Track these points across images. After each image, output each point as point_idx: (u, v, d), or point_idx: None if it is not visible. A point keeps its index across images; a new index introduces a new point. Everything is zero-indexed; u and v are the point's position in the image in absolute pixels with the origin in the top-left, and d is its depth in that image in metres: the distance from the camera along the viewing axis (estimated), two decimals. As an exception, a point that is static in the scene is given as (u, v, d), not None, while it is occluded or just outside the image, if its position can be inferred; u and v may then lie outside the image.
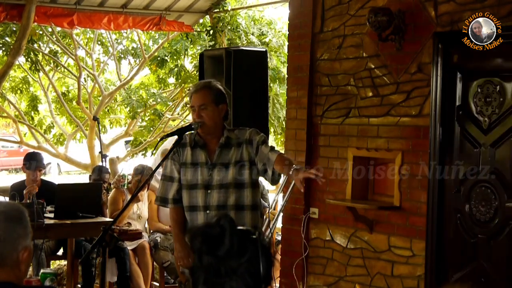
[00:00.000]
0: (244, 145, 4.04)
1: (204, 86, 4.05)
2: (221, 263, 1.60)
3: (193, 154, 4.09)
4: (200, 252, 1.63)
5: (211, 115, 3.96)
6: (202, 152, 4.08)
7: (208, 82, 4.15)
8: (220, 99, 4.01)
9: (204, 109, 3.95)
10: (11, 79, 11.81)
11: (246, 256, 1.60)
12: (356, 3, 5.52)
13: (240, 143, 4.04)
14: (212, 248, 1.61)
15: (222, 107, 4.01)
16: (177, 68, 10.25)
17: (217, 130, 4.04)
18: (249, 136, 4.05)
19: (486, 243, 4.69)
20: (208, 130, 4.01)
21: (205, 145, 4.09)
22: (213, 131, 4.03)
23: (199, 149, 4.09)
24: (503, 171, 4.61)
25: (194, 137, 4.09)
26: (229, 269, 1.60)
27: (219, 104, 4.00)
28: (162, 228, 6.66)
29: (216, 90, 4.02)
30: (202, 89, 4.01)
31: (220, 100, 4.00)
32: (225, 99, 4.06)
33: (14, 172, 21.35)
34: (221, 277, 1.60)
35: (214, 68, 5.64)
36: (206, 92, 3.98)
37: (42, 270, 5.49)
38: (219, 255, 1.60)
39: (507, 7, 4.52)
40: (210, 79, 4.40)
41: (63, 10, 7.55)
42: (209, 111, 3.95)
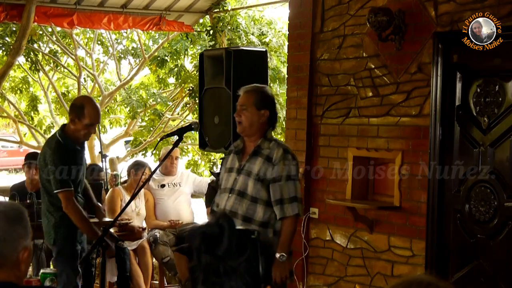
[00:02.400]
0: (271, 163, 3.95)
1: (250, 89, 4.09)
2: (220, 262, 1.60)
3: (232, 159, 4.13)
4: (199, 252, 1.63)
5: (249, 116, 3.99)
6: (237, 157, 4.09)
7: (257, 86, 4.17)
8: (263, 104, 4.01)
9: (244, 110, 4.01)
10: (11, 79, 11.81)
11: (245, 256, 1.60)
12: (356, 3, 5.52)
13: (269, 159, 3.96)
14: (211, 248, 1.61)
15: (264, 112, 4.00)
16: (177, 68, 10.24)
17: (255, 134, 4.03)
18: (277, 160, 3.94)
19: (485, 243, 4.69)
20: (243, 131, 4.05)
21: (242, 150, 4.10)
22: (249, 133, 4.04)
23: (236, 154, 4.11)
24: (503, 171, 4.61)
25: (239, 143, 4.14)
26: (228, 269, 1.60)
27: (261, 109, 4.00)
28: (160, 225, 6.67)
29: (261, 94, 4.04)
30: (248, 91, 4.07)
31: (263, 105, 4.00)
32: (269, 105, 4.03)
33: (14, 172, 21.35)
34: (220, 276, 1.60)
35: (214, 68, 5.64)
36: (250, 94, 4.03)
37: (42, 270, 5.47)
38: (218, 254, 1.60)
39: (507, 7, 4.52)
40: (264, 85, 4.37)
41: (63, 10, 7.54)
42: (248, 112, 4.00)
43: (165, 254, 6.44)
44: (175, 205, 6.73)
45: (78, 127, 4.54)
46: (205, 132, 5.17)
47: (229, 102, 5.44)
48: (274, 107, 4.06)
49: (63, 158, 4.51)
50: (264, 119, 4.01)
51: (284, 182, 3.89)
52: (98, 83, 11.10)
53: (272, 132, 4.10)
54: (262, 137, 4.02)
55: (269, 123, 4.04)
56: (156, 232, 6.60)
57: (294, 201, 3.89)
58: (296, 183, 3.92)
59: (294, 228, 3.91)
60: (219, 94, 5.39)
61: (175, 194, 6.79)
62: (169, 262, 6.41)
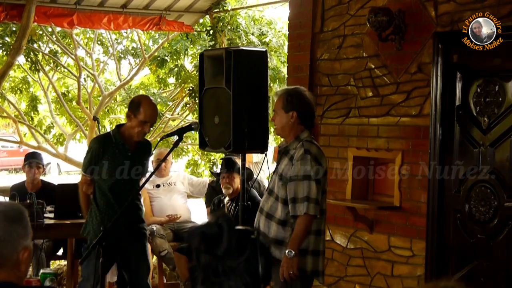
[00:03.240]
0: (292, 163, 4.01)
1: (279, 93, 4.23)
2: (219, 262, 1.59)
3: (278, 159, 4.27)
4: (198, 252, 1.62)
5: (279, 120, 4.12)
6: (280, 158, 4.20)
7: (286, 89, 4.34)
8: (290, 106, 4.08)
9: (275, 114, 4.16)
10: (11, 79, 11.80)
11: (245, 256, 1.60)
12: (356, 3, 5.52)
13: (292, 158, 4.04)
14: (210, 247, 1.60)
15: (292, 113, 4.06)
16: (177, 68, 10.24)
17: (289, 135, 4.13)
18: (296, 159, 3.99)
19: (485, 243, 4.69)
20: (278, 133, 4.28)
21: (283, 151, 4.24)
22: (283, 135, 4.19)
23: (279, 155, 4.23)
24: (503, 171, 4.61)
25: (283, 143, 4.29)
26: (227, 269, 1.59)
27: (289, 111, 4.07)
28: (158, 220, 6.67)
29: (287, 97, 4.11)
30: (276, 95, 4.23)
31: (290, 106, 4.08)
32: (296, 106, 4.08)
33: (14, 172, 21.35)
34: (219, 276, 1.59)
35: (214, 68, 5.63)
36: (279, 98, 4.16)
37: (42, 270, 5.48)
38: (217, 254, 1.60)
39: (507, 7, 4.52)
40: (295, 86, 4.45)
41: (63, 10, 7.54)
42: (278, 116, 4.12)
43: (162, 247, 6.43)
44: (172, 202, 6.74)
45: (133, 124, 4.58)
46: (205, 132, 5.16)
47: (229, 102, 5.43)
48: (302, 107, 4.10)
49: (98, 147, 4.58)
50: (294, 120, 4.08)
51: (299, 181, 3.93)
52: (98, 83, 11.09)
53: (307, 132, 4.11)
54: (295, 137, 4.09)
55: (302, 123, 4.09)
56: (153, 226, 6.60)
57: (306, 200, 3.90)
58: (311, 183, 3.91)
59: (305, 227, 3.90)
60: (219, 94, 5.38)
61: (171, 192, 6.81)
62: (167, 256, 6.40)
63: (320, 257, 4.05)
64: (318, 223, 4.01)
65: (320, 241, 4.05)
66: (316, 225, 4.00)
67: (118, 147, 4.62)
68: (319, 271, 4.06)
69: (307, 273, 4.00)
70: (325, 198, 4.15)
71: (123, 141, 4.62)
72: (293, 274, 3.85)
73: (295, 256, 3.84)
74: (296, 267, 3.86)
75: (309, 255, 3.99)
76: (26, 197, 5.63)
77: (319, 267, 4.04)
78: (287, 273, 3.84)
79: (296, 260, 3.85)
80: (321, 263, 4.05)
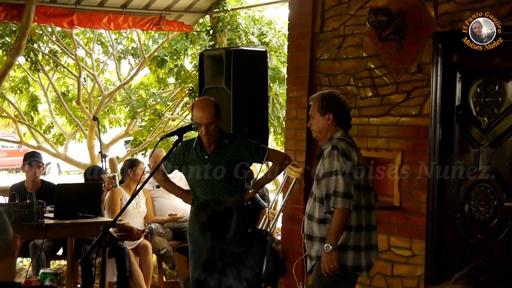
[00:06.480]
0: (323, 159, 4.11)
1: (314, 97, 4.28)
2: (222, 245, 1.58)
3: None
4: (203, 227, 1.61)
5: (315, 123, 4.21)
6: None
7: (321, 93, 4.35)
8: (326, 109, 4.15)
9: (312, 119, 4.24)
10: (11, 79, 11.80)
11: (249, 247, 1.59)
12: (356, 3, 5.52)
13: (323, 157, 4.11)
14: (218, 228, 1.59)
15: (329, 116, 4.14)
16: (177, 68, 10.24)
17: (324, 138, 4.19)
18: (325, 157, 4.08)
19: (485, 243, 4.70)
20: (315, 137, 4.32)
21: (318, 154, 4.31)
22: (321, 138, 4.23)
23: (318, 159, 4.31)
24: (502, 171, 4.61)
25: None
26: (229, 253, 1.58)
27: (325, 114, 4.14)
28: (159, 219, 6.69)
29: (322, 100, 4.18)
30: (312, 100, 4.29)
31: (325, 109, 4.15)
32: (332, 108, 4.15)
33: (14, 172, 21.34)
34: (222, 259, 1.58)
35: (214, 68, 5.64)
36: (314, 103, 4.24)
37: (42, 270, 5.48)
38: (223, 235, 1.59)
39: (507, 7, 4.52)
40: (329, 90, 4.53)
41: (63, 10, 7.54)
42: (315, 120, 4.20)
43: (161, 245, 6.44)
44: (172, 202, 6.75)
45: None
46: (205, 132, 5.16)
47: (229, 102, 5.44)
48: (338, 108, 4.17)
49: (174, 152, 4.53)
50: (330, 122, 4.15)
51: (328, 177, 3.99)
52: (98, 83, 11.09)
53: (341, 131, 4.15)
54: (329, 138, 4.16)
55: (338, 124, 4.16)
56: (152, 224, 6.62)
57: (334, 195, 3.93)
58: (338, 178, 3.94)
59: (338, 221, 3.91)
60: (219, 94, 5.39)
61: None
62: (166, 254, 6.42)
63: (362, 253, 4.06)
64: (358, 218, 4.04)
65: (362, 237, 4.06)
66: (356, 220, 4.02)
67: (196, 152, 4.60)
68: (361, 267, 4.07)
69: (348, 269, 4.02)
70: (367, 193, 4.13)
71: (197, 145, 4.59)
72: (334, 268, 3.89)
73: (334, 250, 3.88)
74: (336, 261, 3.89)
75: (350, 250, 4.02)
76: (26, 197, 5.62)
77: (361, 262, 4.06)
78: (327, 267, 3.89)
79: (335, 254, 3.88)
80: (364, 259, 4.06)
